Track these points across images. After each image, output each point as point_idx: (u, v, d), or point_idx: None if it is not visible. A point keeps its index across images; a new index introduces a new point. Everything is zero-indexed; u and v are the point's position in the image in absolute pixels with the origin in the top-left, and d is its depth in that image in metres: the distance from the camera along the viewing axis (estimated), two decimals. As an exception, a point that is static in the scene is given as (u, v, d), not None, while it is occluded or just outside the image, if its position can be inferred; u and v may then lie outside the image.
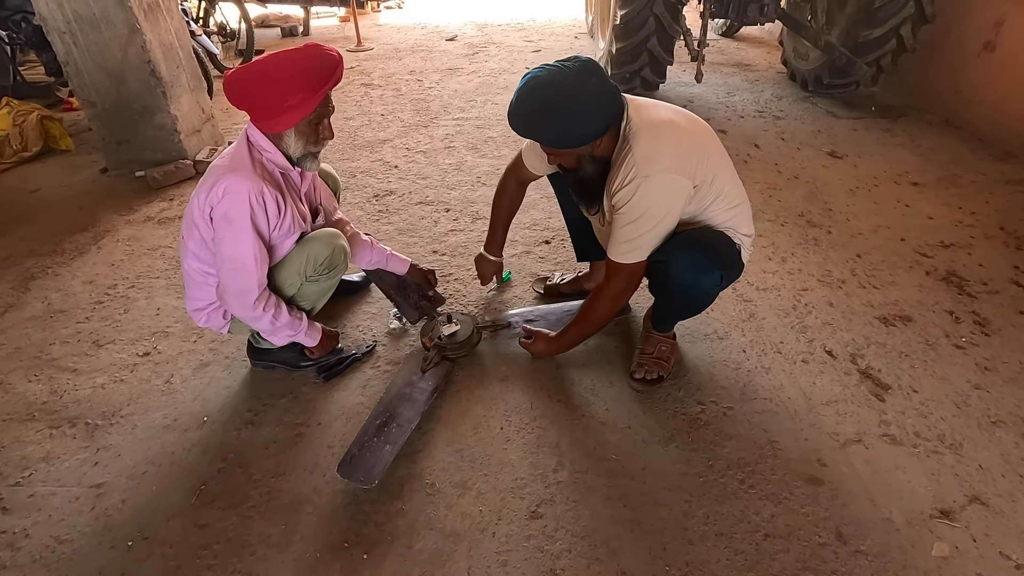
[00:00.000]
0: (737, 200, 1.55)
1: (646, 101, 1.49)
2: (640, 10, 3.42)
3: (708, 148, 1.48)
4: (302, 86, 1.38)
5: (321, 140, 1.55)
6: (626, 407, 1.66)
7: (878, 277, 2.20)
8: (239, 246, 1.43)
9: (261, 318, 1.53)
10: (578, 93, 1.30)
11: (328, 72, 1.41)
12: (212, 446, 1.56)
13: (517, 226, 2.58)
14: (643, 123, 1.40)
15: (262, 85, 1.38)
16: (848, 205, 2.71)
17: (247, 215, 1.41)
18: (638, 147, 1.37)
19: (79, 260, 2.40)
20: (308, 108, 1.42)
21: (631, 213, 1.39)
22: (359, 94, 4.48)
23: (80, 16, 2.73)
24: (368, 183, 3.04)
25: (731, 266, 1.55)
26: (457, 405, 1.68)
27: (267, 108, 1.41)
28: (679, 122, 1.45)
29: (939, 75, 3.67)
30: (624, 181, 1.38)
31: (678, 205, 1.42)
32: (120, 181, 3.09)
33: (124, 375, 1.80)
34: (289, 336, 1.64)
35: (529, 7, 7.95)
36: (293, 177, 1.60)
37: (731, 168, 1.56)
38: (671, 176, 1.37)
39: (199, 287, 1.61)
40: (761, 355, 1.84)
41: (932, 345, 1.86)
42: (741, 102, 4.10)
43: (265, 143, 1.49)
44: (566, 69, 1.32)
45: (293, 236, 1.58)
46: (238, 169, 1.42)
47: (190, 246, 1.54)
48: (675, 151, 1.38)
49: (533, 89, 1.33)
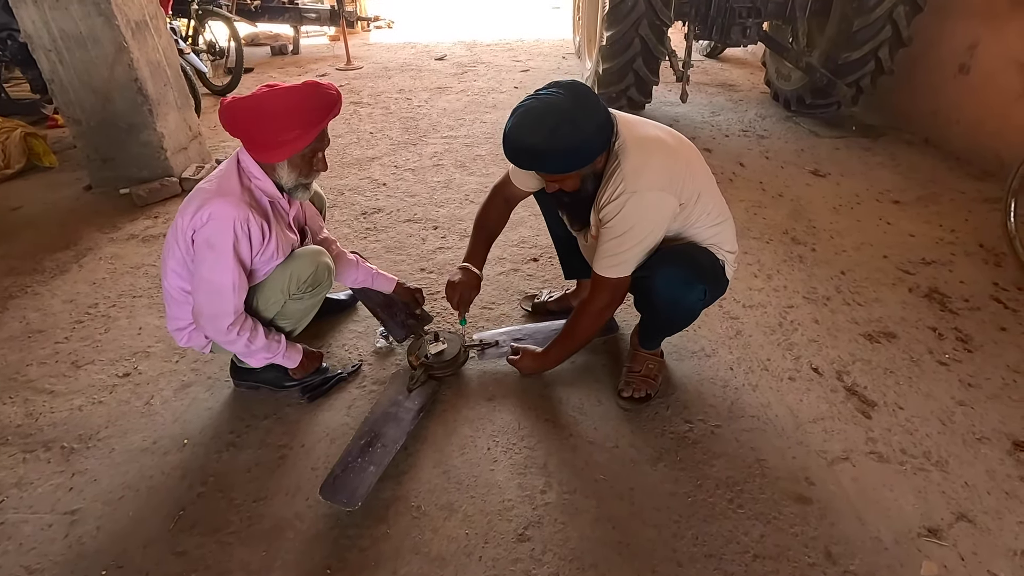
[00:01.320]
0: (721, 217, 1.57)
1: (633, 118, 1.51)
2: (626, 31, 3.48)
3: (693, 166, 1.50)
4: (300, 122, 1.39)
5: (314, 172, 1.55)
6: (614, 426, 1.65)
7: (862, 294, 2.22)
8: (218, 271, 1.42)
9: (235, 342, 1.52)
10: (579, 116, 1.31)
11: (326, 110, 1.42)
12: (192, 469, 1.52)
13: (505, 244, 2.59)
14: (632, 139, 1.42)
15: (260, 118, 1.39)
16: (832, 223, 2.75)
17: (230, 242, 1.40)
18: (627, 162, 1.38)
19: (60, 279, 2.36)
20: (303, 143, 1.43)
21: (617, 228, 1.40)
22: (348, 112, 4.49)
23: (66, 34, 2.72)
24: (356, 201, 3.04)
25: (715, 282, 1.56)
26: (444, 425, 1.66)
27: (263, 140, 1.42)
28: (666, 139, 1.47)
29: (917, 96, 3.76)
30: (612, 196, 1.39)
31: (664, 222, 1.43)
32: (104, 198, 3.06)
33: (103, 396, 1.76)
34: (266, 358, 1.62)
35: (518, 27, 8.07)
36: (281, 204, 1.59)
37: (715, 186, 1.58)
38: (658, 193, 1.38)
39: (180, 306, 1.59)
40: (748, 372, 1.84)
41: (916, 362, 1.88)
42: (726, 121, 4.17)
43: (256, 170, 1.48)
44: (559, 95, 1.33)
45: (276, 260, 1.57)
46: (226, 195, 1.41)
47: (171, 265, 1.52)
48: (662, 168, 1.40)
49: (532, 120, 1.32)
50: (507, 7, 10.47)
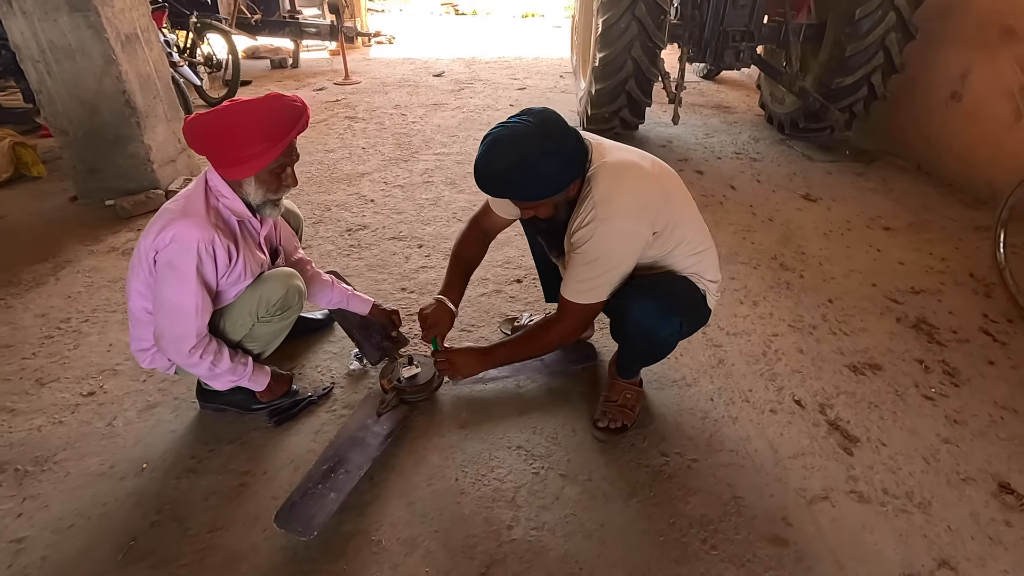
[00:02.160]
0: (702, 246, 1.53)
1: (610, 143, 1.48)
2: (618, 53, 3.48)
3: (671, 193, 1.46)
4: (264, 136, 1.36)
5: (283, 188, 1.51)
6: (588, 458, 1.60)
7: (849, 323, 2.18)
8: (180, 293, 1.38)
9: (198, 365, 1.47)
10: (546, 143, 1.28)
11: (291, 123, 1.39)
12: (148, 496, 1.47)
13: (490, 264, 2.56)
14: (605, 165, 1.38)
15: (223, 133, 1.35)
16: (821, 249, 2.72)
17: (193, 264, 1.36)
18: (598, 189, 1.35)
19: (35, 291, 2.32)
20: (270, 158, 1.39)
21: (588, 254, 1.37)
22: (342, 127, 4.50)
23: (55, 46, 2.71)
24: (342, 217, 3.01)
25: (691, 314, 1.52)
26: (412, 453, 1.61)
27: (227, 156, 1.38)
28: (642, 165, 1.43)
29: (910, 122, 3.76)
30: (583, 222, 1.36)
31: (635, 250, 1.40)
32: (89, 210, 3.03)
33: (64, 416, 1.71)
34: (232, 381, 1.57)
35: (518, 45, 8.15)
36: (251, 223, 1.56)
37: (696, 213, 1.55)
38: (630, 221, 1.35)
39: (144, 327, 1.54)
40: (729, 404, 1.80)
41: (902, 395, 1.83)
42: (719, 143, 4.16)
43: (224, 189, 1.45)
44: (527, 123, 1.30)
45: (244, 283, 1.53)
46: (190, 215, 1.37)
47: (135, 285, 1.48)
48: (635, 195, 1.37)
49: (501, 148, 1.29)
50: (509, 25, 10.59)
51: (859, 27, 3.39)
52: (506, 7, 12.27)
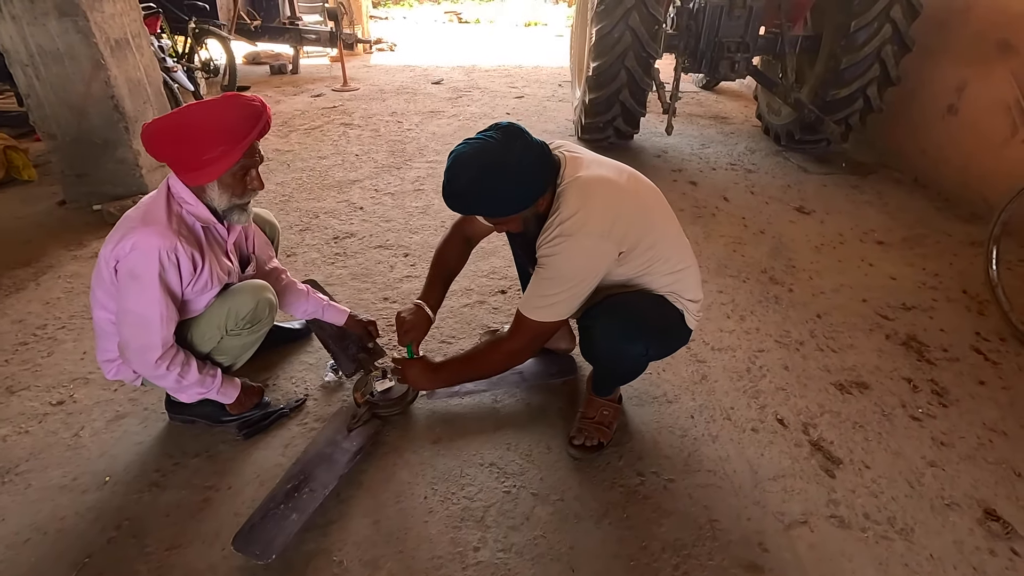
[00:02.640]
0: (681, 264, 1.48)
1: (587, 158, 1.43)
2: (612, 63, 3.46)
3: (649, 211, 1.43)
4: (223, 139, 1.32)
5: (249, 192, 1.47)
6: (561, 476, 1.56)
7: (837, 340, 2.14)
8: (143, 303, 1.35)
9: (165, 376, 1.44)
10: (508, 158, 1.27)
11: (250, 123, 1.35)
12: (108, 511, 1.44)
13: (475, 274, 2.53)
14: (575, 181, 1.35)
15: (180, 138, 1.32)
16: (812, 262, 2.68)
17: (155, 272, 1.33)
18: (566, 205, 1.33)
19: (14, 297, 2.30)
20: (230, 161, 1.36)
21: (549, 270, 1.35)
22: (337, 134, 4.49)
23: (44, 50, 2.71)
24: (330, 224, 2.99)
25: (661, 336, 1.48)
26: (382, 470, 1.57)
27: (187, 161, 1.34)
28: (616, 181, 1.39)
29: (906, 135, 3.72)
30: (548, 238, 1.34)
31: (599, 268, 1.36)
32: (76, 214, 3.02)
33: (31, 426, 1.69)
34: (200, 394, 1.54)
35: (519, 54, 8.15)
36: (217, 230, 1.52)
37: (677, 231, 1.51)
38: (594, 239, 1.31)
39: (109, 338, 1.51)
40: (710, 422, 1.75)
41: (888, 416, 1.79)
42: (714, 154, 4.13)
43: (187, 195, 1.42)
44: (490, 139, 1.29)
45: (212, 291, 1.50)
46: (151, 224, 1.34)
47: (99, 296, 1.45)
48: (603, 213, 1.33)
49: (463, 165, 1.28)
50: (512, 34, 10.62)
51: (854, 39, 3.36)
52: (509, 16, 12.31)
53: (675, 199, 3.32)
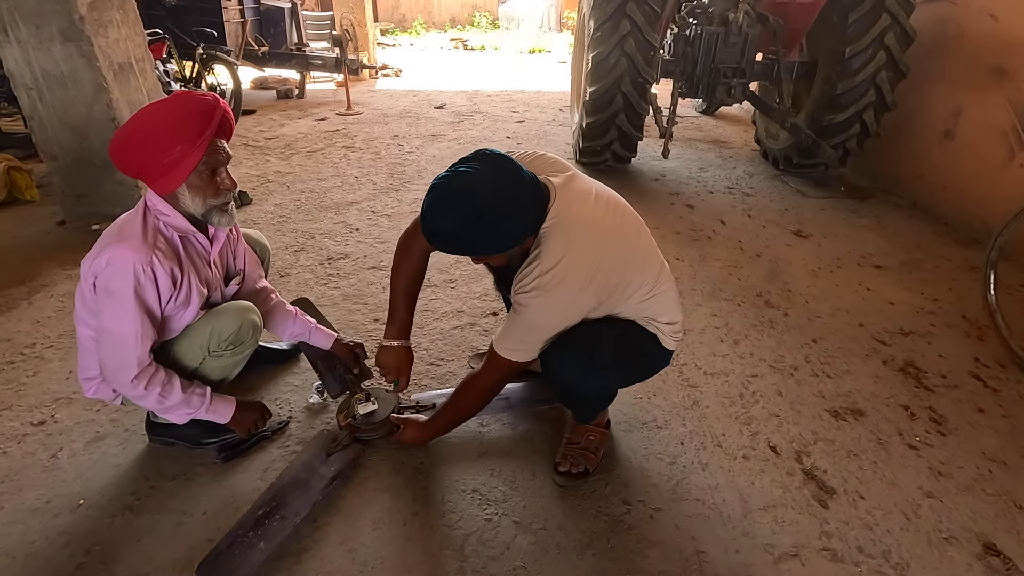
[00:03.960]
0: (656, 290, 1.41)
1: (577, 187, 1.33)
2: (608, 88, 3.50)
3: (628, 252, 1.35)
4: (178, 138, 1.30)
5: (222, 191, 1.44)
6: (545, 504, 1.52)
7: (833, 365, 2.10)
8: (118, 320, 1.34)
9: (145, 396, 1.41)
10: (499, 199, 1.17)
11: (204, 118, 1.32)
12: (79, 535, 1.40)
13: (467, 295, 2.51)
14: (561, 224, 1.26)
15: (137, 146, 1.31)
16: (808, 286, 2.65)
17: (130, 288, 1.32)
18: (547, 253, 1.25)
19: (4, 315, 2.30)
20: (192, 161, 1.33)
21: (524, 318, 1.30)
22: (338, 156, 4.54)
23: (48, 74, 2.77)
24: (325, 245, 3.00)
25: (627, 365, 1.45)
26: (361, 495, 1.54)
27: (150, 169, 1.33)
28: (602, 222, 1.31)
29: (904, 160, 3.72)
30: (526, 285, 1.27)
31: (574, 319, 1.34)
32: (74, 234, 3.04)
33: (9, 447, 1.66)
34: (188, 414, 1.50)
35: (521, 79, 8.28)
36: (198, 240, 1.51)
37: (656, 259, 1.44)
38: (573, 295, 1.28)
39: (91, 355, 1.50)
40: (700, 448, 1.71)
41: (884, 444, 1.74)
42: (712, 178, 4.14)
43: (163, 206, 1.41)
44: (477, 171, 1.18)
45: (193, 306, 1.49)
46: (126, 239, 1.34)
47: (81, 313, 1.45)
48: (584, 266, 1.27)
49: (449, 203, 1.17)
50: (516, 60, 10.81)
51: (849, 65, 3.39)
52: (514, 43, 12.55)
53: (672, 222, 3.32)
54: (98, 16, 2.76)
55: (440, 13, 15.59)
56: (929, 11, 3.44)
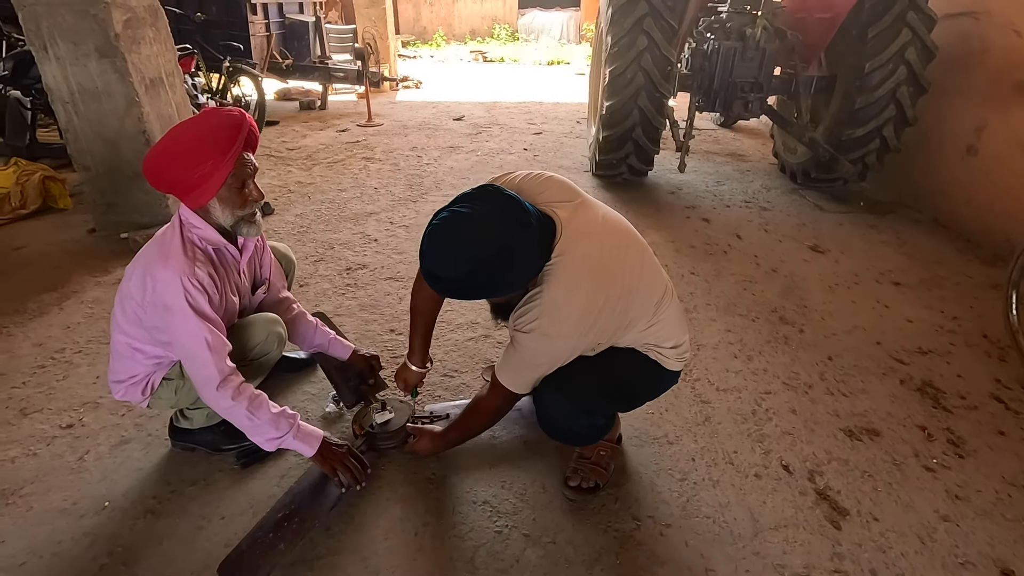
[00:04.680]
0: (658, 317, 1.38)
1: (582, 223, 1.28)
2: (625, 102, 3.53)
3: (630, 291, 1.31)
4: (208, 153, 1.35)
5: (250, 203, 1.49)
6: (555, 518, 1.53)
7: (848, 383, 2.08)
8: (184, 333, 1.37)
9: (234, 409, 1.40)
10: (508, 240, 1.12)
11: (232, 133, 1.38)
12: (103, 537, 1.45)
13: (481, 307, 2.54)
14: (564, 264, 1.23)
15: (169, 161, 1.37)
16: (825, 303, 2.63)
17: (183, 299, 1.36)
18: (549, 295, 1.22)
19: (37, 320, 2.39)
20: (221, 174, 1.38)
21: (522, 353, 1.30)
22: (358, 167, 4.62)
23: (84, 88, 2.88)
24: (343, 256, 3.06)
25: (624, 398, 1.48)
26: (374, 504, 1.57)
27: (181, 183, 1.38)
28: (606, 264, 1.27)
29: (925, 175, 3.68)
30: (526, 324, 1.26)
31: (572, 357, 1.33)
32: (104, 242, 3.15)
33: (39, 449, 1.73)
34: (274, 440, 1.44)
35: (539, 91, 8.35)
36: (229, 251, 1.57)
37: (659, 289, 1.39)
38: (572, 341, 1.28)
39: (123, 360, 1.55)
40: (711, 465, 1.71)
41: (899, 465, 1.72)
42: (729, 191, 4.13)
43: (195, 220, 1.46)
44: (482, 213, 1.13)
45: (229, 313, 1.54)
46: (166, 256, 1.38)
47: (120, 321, 1.49)
48: (585, 311, 1.24)
49: (453, 247, 1.12)
50: (534, 72, 10.90)
51: (869, 80, 3.37)
52: (532, 55, 12.66)
53: (687, 236, 3.32)
54: (132, 33, 2.87)
55: (460, 25, 15.79)
56: (951, 26, 3.41)
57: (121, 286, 1.49)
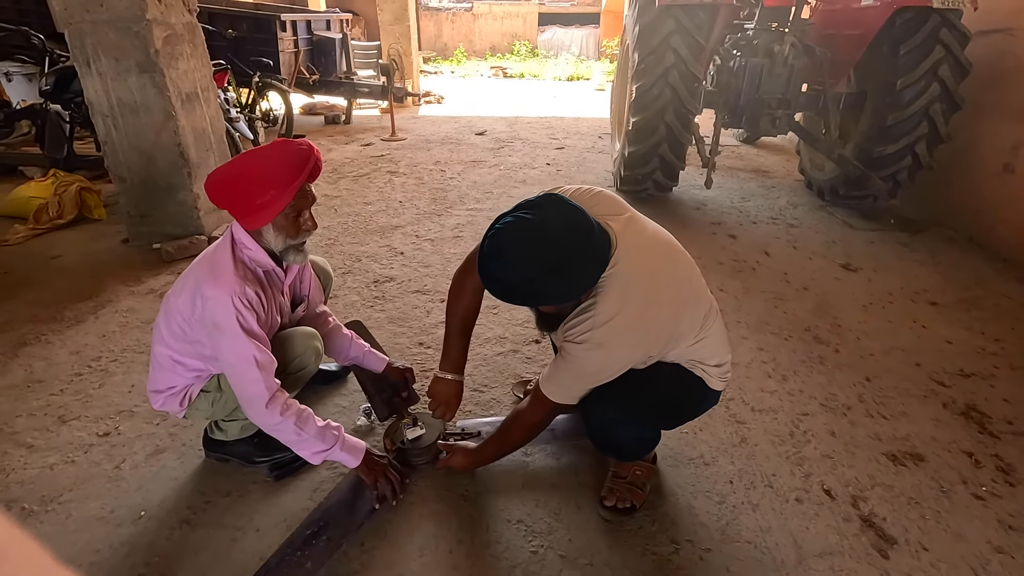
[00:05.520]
0: (705, 332, 1.36)
1: (635, 235, 1.28)
2: (651, 118, 3.53)
3: (681, 304, 1.31)
4: (273, 182, 1.38)
5: (302, 232, 1.52)
6: (591, 539, 1.50)
7: (888, 406, 2.02)
8: (234, 351, 1.38)
9: (282, 425, 1.41)
10: (571, 249, 1.13)
11: (299, 166, 1.40)
12: (140, 546, 1.46)
13: (509, 321, 2.53)
14: (618, 276, 1.23)
15: (234, 185, 1.40)
16: (859, 322, 2.58)
17: (234, 318, 1.37)
18: (603, 307, 1.22)
19: (74, 329, 2.44)
20: (281, 203, 1.41)
21: (570, 365, 1.29)
22: (383, 181, 4.67)
23: (123, 102, 2.96)
24: (370, 268, 3.07)
25: (668, 414, 1.45)
26: (408, 520, 1.55)
27: (242, 206, 1.41)
28: (659, 276, 1.28)
29: (959, 193, 3.61)
30: (578, 335, 1.25)
31: (623, 370, 1.31)
32: (137, 252, 3.21)
33: (77, 456, 1.75)
34: (321, 452, 1.46)
35: (560, 106, 8.40)
36: (276, 274, 1.58)
37: (705, 303, 1.38)
38: (625, 351, 1.27)
39: (164, 372, 1.57)
40: (750, 488, 1.67)
41: (947, 492, 1.66)
42: (755, 207, 4.09)
43: (247, 240, 1.48)
44: (546, 221, 1.13)
45: (273, 330, 1.55)
46: (217, 275, 1.40)
47: (164, 334, 1.51)
48: (639, 325, 1.24)
49: (518, 253, 1.11)
50: (554, 88, 10.98)
51: (901, 97, 3.33)
52: (552, 71, 12.77)
53: (714, 252, 3.29)
54: (171, 49, 2.95)
55: (481, 42, 16.01)
56: (986, 43, 3.37)
57: (168, 300, 1.51)
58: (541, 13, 16.12)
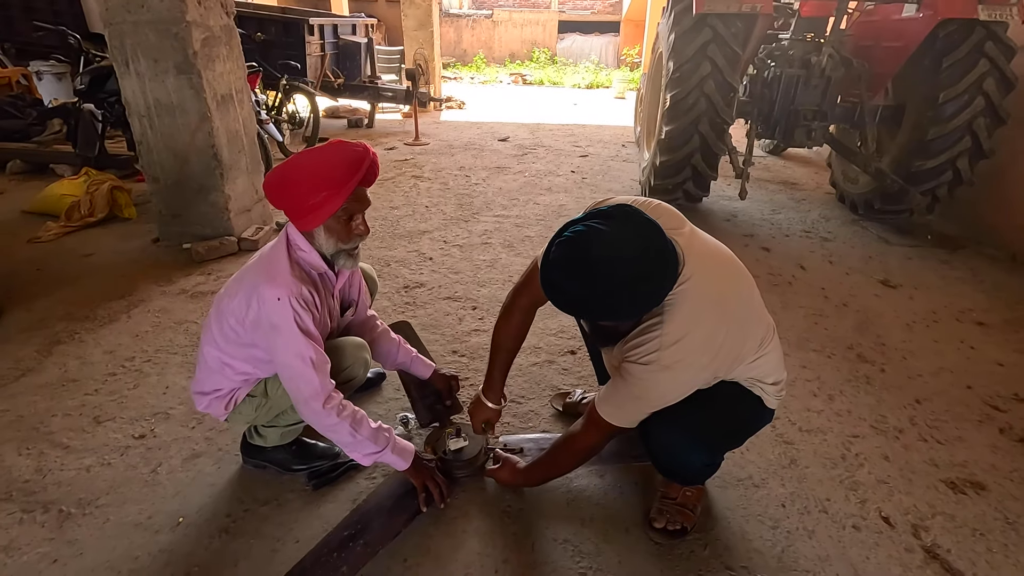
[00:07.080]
0: (764, 350, 1.32)
1: (700, 251, 1.24)
2: (685, 127, 3.48)
3: (746, 322, 1.27)
4: (326, 183, 1.35)
5: (354, 237, 1.48)
6: (640, 562, 1.45)
7: (942, 430, 1.95)
8: (290, 352, 1.36)
9: (338, 426, 1.40)
10: (648, 265, 1.07)
11: (352, 168, 1.37)
12: (179, 555, 1.42)
13: (543, 332, 2.49)
14: (688, 294, 1.17)
15: (288, 184, 1.37)
16: (904, 341, 2.50)
17: (291, 318, 1.35)
18: (670, 326, 1.16)
19: (107, 328, 2.43)
20: (334, 206, 1.38)
21: (632, 386, 1.23)
22: (408, 185, 4.66)
23: (160, 103, 2.97)
24: (400, 273, 3.05)
25: (732, 436, 1.41)
26: (451, 536, 1.50)
27: (296, 207, 1.38)
28: (726, 295, 1.23)
29: (1001, 210, 3.52)
30: (643, 355, 1.19)
31: (688, 393, 1.25)
32: (168, 252, 3.21)
33: (113, 458, 1.72)
34: (374, 454, 1.45)
35: (581, 114, 8.38)
36: (328, 277, 1.55)
37: (766, 320, 1.35)
38: (692, 373, 1.21)
39: (212, 374, 1.53)
40: (803, 513, 1.60)
41: (1013, 524, 1.58)
42: (786, 220, 4.02)
43: (301, 242, 1.46)
44: (620, 233, 1.07)
45: (325, 334, 1.53)
46: (273, 277, 1.38)
47: (215, 334, 1.48)
48: (707, 347, 1.19)
49: (591, 265, 1.06)
50: (574, 95, 10.96)
51: (943, 111, 3.26)
52: (571, 78, 12.78)
53: (748, 265, 3.14)
54: (208, 52, 2.96)
55: (500, 48, 16.07)
56: (1032, 57, 3.28)
57: (220, 302, 1.48)
58: (561, 21, 16.17)
